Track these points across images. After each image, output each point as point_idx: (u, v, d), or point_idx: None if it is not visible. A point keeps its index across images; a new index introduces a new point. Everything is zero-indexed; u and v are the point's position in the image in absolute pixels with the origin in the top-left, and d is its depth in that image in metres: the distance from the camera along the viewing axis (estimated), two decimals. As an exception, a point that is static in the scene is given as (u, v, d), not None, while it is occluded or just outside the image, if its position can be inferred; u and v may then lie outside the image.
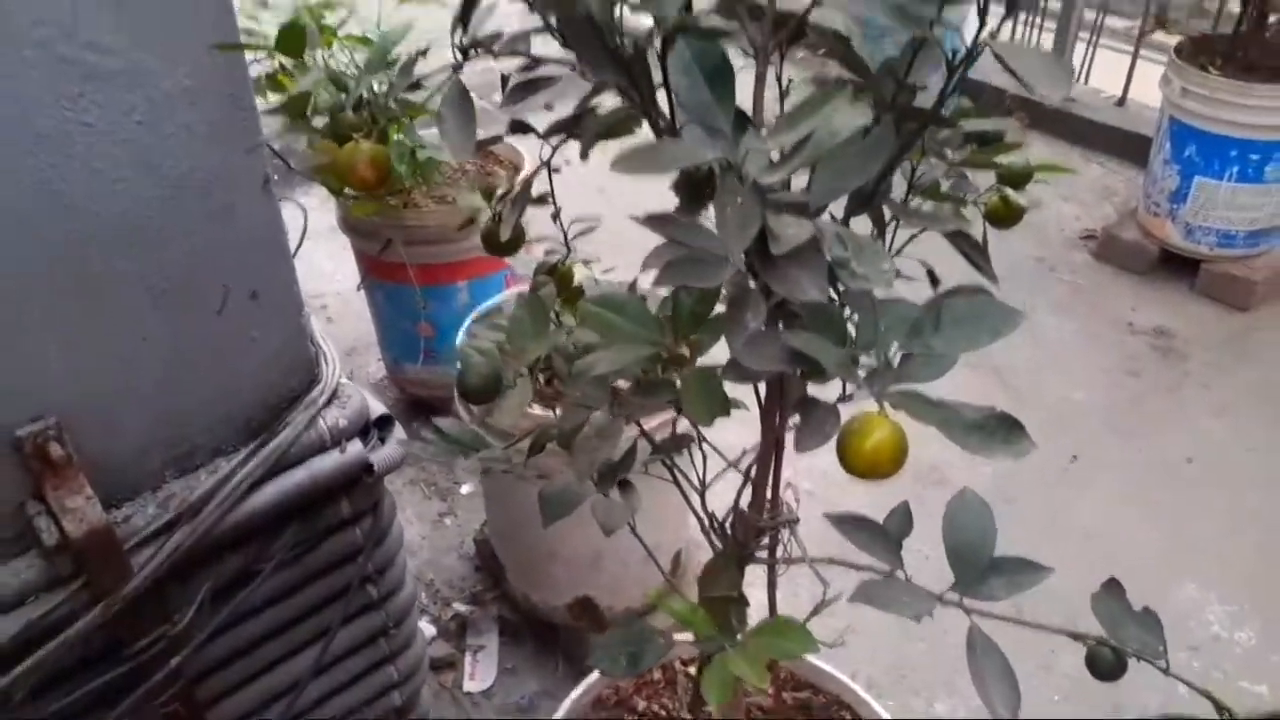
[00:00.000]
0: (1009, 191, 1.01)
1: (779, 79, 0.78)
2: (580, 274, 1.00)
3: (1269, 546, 2.24)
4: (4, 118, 0.85)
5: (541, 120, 0.81)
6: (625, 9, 0.56)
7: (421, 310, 2.32)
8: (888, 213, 0.74)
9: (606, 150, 0.81)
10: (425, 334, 2.43)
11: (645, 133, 0.76)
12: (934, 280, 0.99)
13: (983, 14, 0.61)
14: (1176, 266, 3.07)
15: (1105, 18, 3.74)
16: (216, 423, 1.15)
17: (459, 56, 0.70)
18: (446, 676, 2.02)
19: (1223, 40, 2.91)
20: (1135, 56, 3.58)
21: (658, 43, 0.48)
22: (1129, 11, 3.95)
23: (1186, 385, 2.71)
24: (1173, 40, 3.02)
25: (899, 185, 0.79)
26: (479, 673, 2.02)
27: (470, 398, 0.85)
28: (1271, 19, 2.83)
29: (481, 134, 0.76)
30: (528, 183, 0.91)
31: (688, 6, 0.54)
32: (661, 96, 0.62)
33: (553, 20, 0.59)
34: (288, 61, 1.58)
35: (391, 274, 2.35)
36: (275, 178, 1.03)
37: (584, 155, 0.64)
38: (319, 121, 1.34)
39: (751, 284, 0.63)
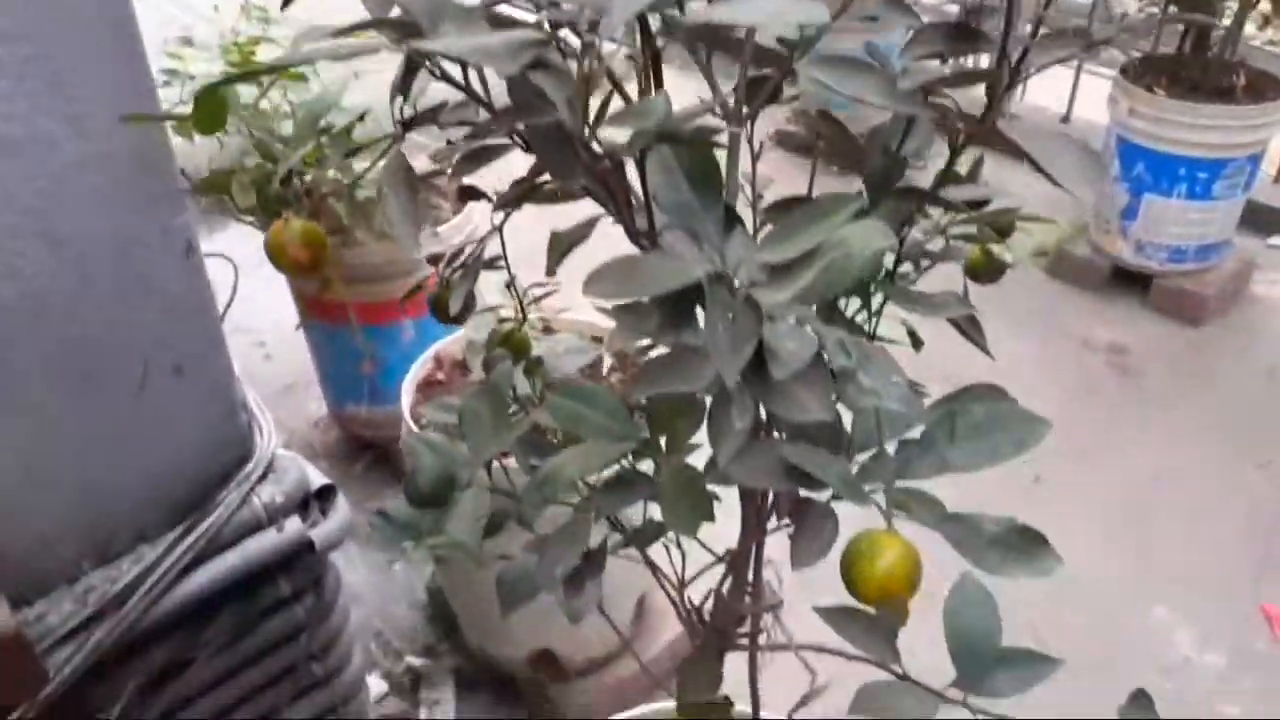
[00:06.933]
0: (992, 246, 0.95)
1: (750, 141, 0.71)
2: (540, 344, 0.92)
3: (1233, 567, 2.22)
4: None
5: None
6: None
7: (365, 351, 2.22)
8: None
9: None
10: (368, 371, 2.33)
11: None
12: (917, 343, 0.93)
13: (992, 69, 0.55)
14: (1129, 282, 3.06)
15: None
16: (139, 507, 1.05)
17: (399, 127, 0.62)
18: (400, 736, 1.92)
19: (1166, 61, 2.91)
20: (1078, 75, 3.59)
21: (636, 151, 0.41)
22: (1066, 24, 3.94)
23: (1145, 403, 2.70)
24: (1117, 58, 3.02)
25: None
26: (435, 731, 1.93)
27: (419, 503, 0.76)
28: (1212, 40, 2.84)
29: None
30: (479, 249, 0.83)
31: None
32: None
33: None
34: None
35: (331, 314, 2.24)
36: (197, 244, 0.93)
37: (550, 272, 0.56)
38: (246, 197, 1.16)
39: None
